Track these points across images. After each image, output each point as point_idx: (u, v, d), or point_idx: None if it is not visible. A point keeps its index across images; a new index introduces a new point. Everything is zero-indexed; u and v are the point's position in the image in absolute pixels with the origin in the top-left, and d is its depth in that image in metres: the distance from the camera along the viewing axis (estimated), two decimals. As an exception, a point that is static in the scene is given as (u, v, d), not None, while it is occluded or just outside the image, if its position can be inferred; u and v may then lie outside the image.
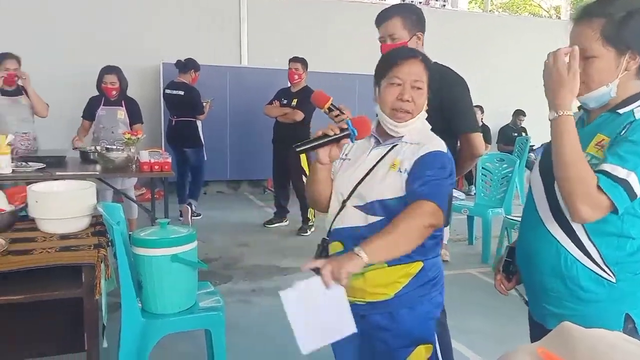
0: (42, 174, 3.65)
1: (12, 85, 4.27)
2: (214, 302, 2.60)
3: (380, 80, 1.68)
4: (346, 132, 1.54)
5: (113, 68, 4.58)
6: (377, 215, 1.60)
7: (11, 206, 2.35)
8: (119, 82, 4.56)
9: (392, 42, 2.28)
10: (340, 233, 1.67)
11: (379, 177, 1.63)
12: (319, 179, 1.69)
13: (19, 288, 2.05)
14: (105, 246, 2.23)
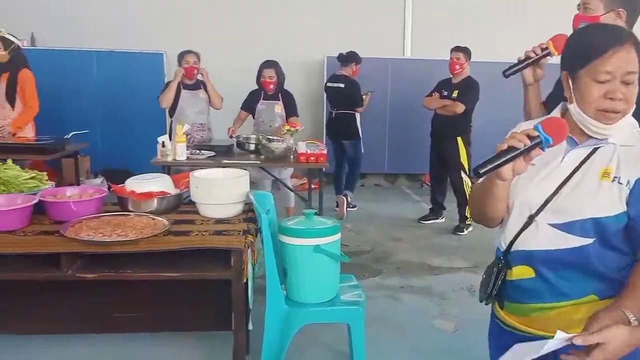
0: (211, 161, 3.98)
1: (192, 78, 4.69)
2: (356, 296, 2.59)
3: (577, 71, 1.32)
4: (537, 140, 1.24)
5: (272, 63, 4.77)
6: (586, 236, 1.30)
7: (176, 190, 2.58)
8: (277, 76, 4.74)
9: (584, 12, 1.99)
10: (529, 256, 1.38)
11: (588, 188, 1.32)
12: (496, 196, 1.38)
13: (177, 266, 2.25)
14: (253, 233, 2.34)
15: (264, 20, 6.88)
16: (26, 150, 4.08)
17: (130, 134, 6.43)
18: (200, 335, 2.95)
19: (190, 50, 4.64)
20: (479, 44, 5.55)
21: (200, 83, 4.74)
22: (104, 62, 6.43)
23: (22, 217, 2.23)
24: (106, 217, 2.34)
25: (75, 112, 6.21)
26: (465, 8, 6.96)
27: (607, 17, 1.94)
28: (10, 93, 4.40)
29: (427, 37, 7.05)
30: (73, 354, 2.84)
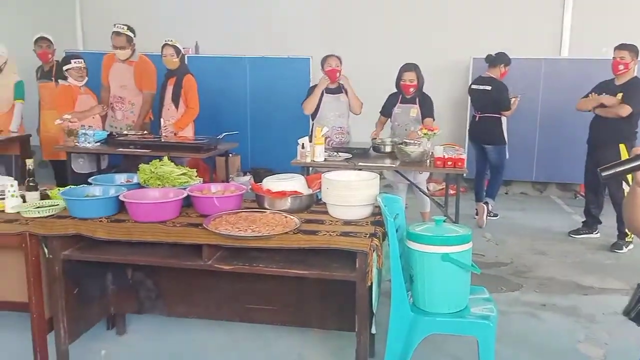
0: (347, 163, 4.05)
1: (334, 81, 4.81)
2: (487, 310, 2.46)
3: None
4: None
5: (413, 65, 4.70)
6: None
7: (309, 190, 2.66)
8: (417, 79, 4.65)
9: None
10: None
11: None
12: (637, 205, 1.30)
13: (305, 264, 2.32)
14: (380, 236, 2.33)
15: (407, 22, 6.84)
16: (185, 149, 4.51)
17: (276, 135, 6.80)
18: (326, 333, 3.02)
19: (332, 54, 4.76)
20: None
21: (342, 87, 4.84)
22: (255, 68, 6.88)
23: (173, 209, 2.47)
24: (244, 213, 2.49)
25: (229, 114, 6.73)
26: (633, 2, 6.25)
27: None
28: (176, 96, 4.89)
29: (588, 34, 6.45)
30: (212, 338, 3.08)
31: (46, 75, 5.55)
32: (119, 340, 3.07)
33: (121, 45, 5.00)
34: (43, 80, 5.55)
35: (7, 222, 2.49)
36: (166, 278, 2.90)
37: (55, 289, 2.49)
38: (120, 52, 5.04)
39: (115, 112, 5.23)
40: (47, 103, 5.44)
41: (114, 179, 2.89)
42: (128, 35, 5.01)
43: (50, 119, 5.27)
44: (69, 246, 2.48)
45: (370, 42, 6.84)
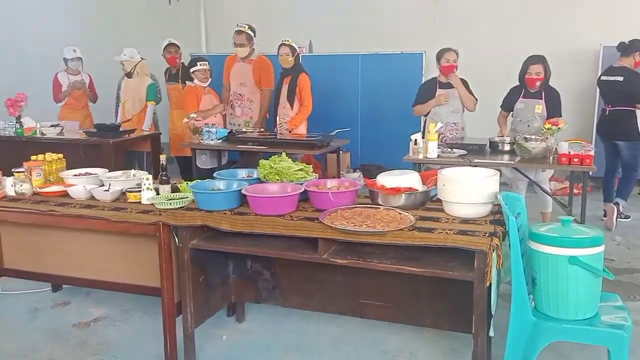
0: (462, 160, 3.93)
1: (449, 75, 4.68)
2: (620, 319, 2.27)
3: None
4: None
5: (540, 58, 4.39)
6: None
7: (424, 187, 2.62)
8: (544, 72, 4.36)
9: None
10: None
11: None
12: None
13: (419, 261, 2.29)
14: (500, 236, 2.24)
15: (527, 9, 6.47)
16: (299, 145, 4.63)
17: (387, 132, 6.77)
18: (439, 333, 2.96)
19: (449, 48, 4.63)
20: None
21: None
22: (367, 65, 6.89)
23: (291, 203, 2.55)
24: (358, 209, 2.51)
25: (340, 111, 6.81)
26: None
27: None
28: (291, 95, 5.05)
29: None
30: (325, 331, 3.14)
31: (174, 77, 5.97)
32: (239, 327, 3.24)
33: (241, 43, 5.25)
34: (171, 83, 5.99)
35: (143, 212, 2.72)
36: (282, 269, 3.00)
37: (184, 275, 2.68)
38: (240, 50, 5.29)
39: (234, 108, 5.50)
40: (175, 103, 5.89)
41: (236, 173, 3.04)
42: (248, 34, 5.26)
43: (177, 118, 5.71)
44: (196, 236, 2.66)
45: (486, 33, 6.57)
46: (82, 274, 3.15)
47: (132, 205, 2.83)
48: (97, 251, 3.08)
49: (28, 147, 4.89)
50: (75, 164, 3.45)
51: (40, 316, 3.40)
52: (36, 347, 3.02)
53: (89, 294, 3.61)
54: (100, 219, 2.69)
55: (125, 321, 3.31)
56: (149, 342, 3.01)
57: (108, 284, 3.02)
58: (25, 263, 3.30)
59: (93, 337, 3.13)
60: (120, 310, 3.42)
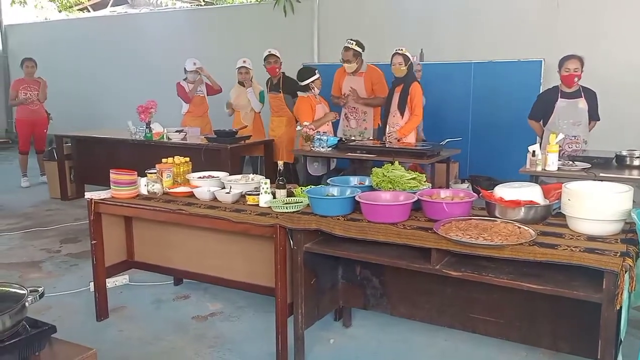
0: (585, 173, 3.69)
1: (570, 86, 4.44)
2: None
3: None
4: None
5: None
6: None
7: (546, 201, 2.50)
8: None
9: None
10: None
11: None
12: None
13: (538, 278, 2.19)
14: (634, 256, 2.08)
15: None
16: (408, 154, 4.61)
17: (500, 142, 6.53)
18: (556, 355, 2.81)
19: (573, 55, 4.40)
20: None
21: (581, 90, 4.44)
22: (481, 73, 6.70)
23: (404, 212, 2.56)
24: (474, 221, 2.46)
25: (451, 120, 6.68)
26: None
27: None
28: (402, 103, 5.05)
29: None
30: (432, 343, 3.10)
31: (275, 87, 6.10)
32: (345, 332, 3.29)
33: (348, 59, 5.36)
34: (273, 92, 6.14)
35: (261, 214, 2.86)
36: (391, 278, 3.00)
37: (297, 277, 2.77)
38: (348, 66, 5.40)
39: (349, 121, 5.64)
40: (276, 112, 6.11)
41: (348, 180, 3.10)
42: (355, 50, 5.34)
43: (277, 125, 6.00)
44: (310, 239, 2.74)
45: (612, 39, 6.12)
46: (202, 270, 3.38)
47: (251, 207, 2.99)
48: (217, 250, 3.29)
49: (156, 151, 5.33)
50: (196, 167, 3.70)
51: (163, 307, 3.67)
52: (160, 335, 3.27)
53: (206, 289, 3.84)
54: (223, 219, 2.86)
55: (239, 317, 3.48)
56: (261, 339, 3.15)
57: (226, 281, 3.20)
58: (152, 257, 3.60)
59: (210, 330, 3.33)
60: (235, 307, 3.60)
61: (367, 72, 5.48)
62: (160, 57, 9.39)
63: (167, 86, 7.13)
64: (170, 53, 9.03)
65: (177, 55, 7.88)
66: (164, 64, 8.96)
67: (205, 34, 9.16)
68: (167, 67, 8.60)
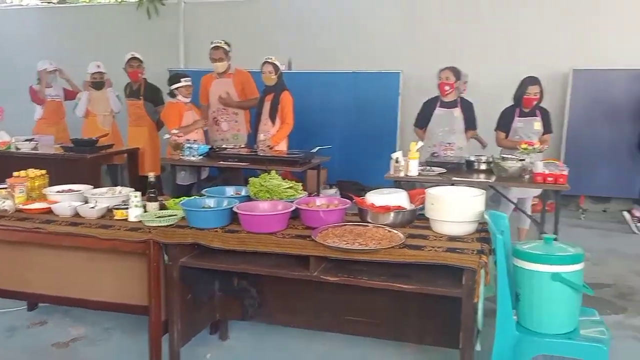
0: (441, 178, 4.04)
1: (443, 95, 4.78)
2: (598, 332, 2.37)
3: None
4: None
5: (536, 79, 4.60)
6: None
7: (412, 205, 2.69)
8: (540, 93, 4.57)
9: None
10: None
11: None
12: None
13: (408, 279, 2.35)
14: (487, 253, 2.32)
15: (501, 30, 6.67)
16: (281, 162, 4.66)
17: (363, 150, 6.87)
18: (423, 349, 3.02)
19: (447, 66, 4.77)
20: None
21: (457, 101, 4.82)
22: (346, 83, 7.00)
23: (282, 221, 2.59)
24: (349, 226, 2.57)
25: (319, 128, 6.87)
26: None
27: None
28: (273, 111, 5.10)
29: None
30: (310, 347, 3.16)
31: (134, 93, 5.84)
32: (222, 345, 3.23)
33: (219, 57, 5.31)
34: (131, 99, 5.87)
35: (131, 230, 2.71)
36: (269, 287, 3.02)
37: (172, 293, 2.68)
38: (219, 65, 5.34)
39: (220, 124, 5.51)
40: (134, 120, 5.85)
41: (224, 191, 3.06)
42: (225, 49, 5.32)
43: (136, 135, 5.76)
44: (186, 254, 2.66)
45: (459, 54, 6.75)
46: (64, 292, 3.10)
47: (120, 222, 2.82)
48: (81, 269, 3.04)
49: (4, 163, 4.80)
50: (53, 180, 3.40)
51: (17, 335, 3.32)
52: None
53: (66, 312, 3.54)
54: (89, 236, 2.67)
55: (106, 340, 3.26)
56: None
57: (92, 303, 2.98)
58: (4, 281, 3.23)
59: (73, 356, 3.08)
60: (101, 330, 3.36)
61: (236, 74, 5.47)
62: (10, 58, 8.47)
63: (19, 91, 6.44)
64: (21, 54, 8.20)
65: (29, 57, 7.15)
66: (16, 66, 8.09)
67: (61, 34, 8.45)
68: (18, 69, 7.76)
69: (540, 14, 6.54)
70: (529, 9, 6.57)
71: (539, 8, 6.55)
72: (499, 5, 6.69)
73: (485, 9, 6.72)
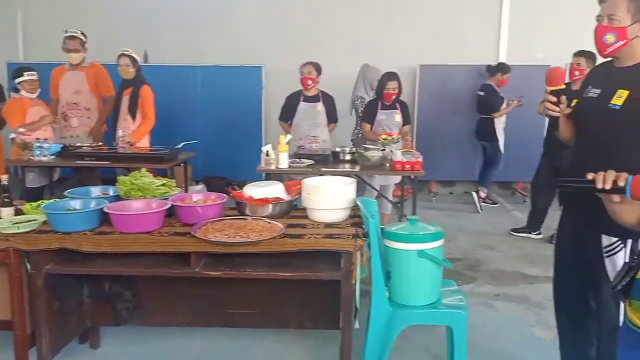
0: (311, 169, 4.19)
1: (306, 89, 4.95)
2: (458, 300, 2.66)
3: None
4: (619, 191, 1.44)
5: (395, 75, 4.97)
6: None
7: (289, 196, 2.78)
8: (399, 87, 4.95)
9: (609, 23, 2.03)
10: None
11: None
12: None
13: (289, 267, 2.44)
14: (361, 237, 2.49)
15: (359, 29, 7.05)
16: (144, 159, 4.47)
17: (229, 144, 6.84)
18: (304, 333, 3.14)
19: (308, 62, 4.91)
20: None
21: (320, 95, 4.98)
22: (207, 76, 6.89)
23: (158, 219, 2.52)
24: (228, 221, 2.58)
25: (180, 123, 6.70)
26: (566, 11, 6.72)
27: (633, 28, 1.95)
28: (132, 106, 4.87)
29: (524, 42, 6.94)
30: (190, 345, 3.12)
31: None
32: (94, 353, 3.06)
33: (75, 48, 4.95)
34: None
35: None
36: (144, 288, 2.92)
37: (38, 304, 2.48)
38: (75, 56, 4.97)
39: (69, 119, 5.11)
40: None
41: (89, 191, 2.88)
42: (82, 39, 4.97)
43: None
44: (50, 260, 2.48)
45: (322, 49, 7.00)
46: None
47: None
48: None
49: None
50: None
51: None
52: None
53: None
54: None
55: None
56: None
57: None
58: None
59: None
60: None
61: (89, 67, 5.13)
62: None
63: None
64: None
65: None
66: None
67: None
68: None
69: (389, 15, 7.04)
70: (383, 8, 7.04)
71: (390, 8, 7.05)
72: (354, 5, 7.06)
73: (342, 8, 7.06)
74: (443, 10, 7.01)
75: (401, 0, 7.07)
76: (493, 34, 7.05)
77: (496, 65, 6.33)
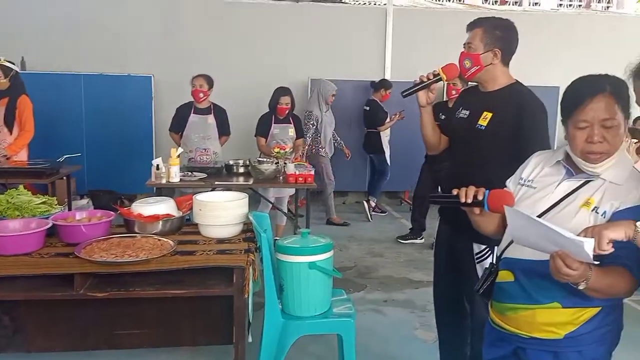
0: (203, 182, 4.16)
1: (198, 102, 4.88)
2: (347, 308, 2.78)
3: (566, 120, 1.57)
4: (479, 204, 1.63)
5: (288, 90, 5.10)
6: None
7: (180, 212, 2.75)
8: (291, 102, 5.09)
9: (467, 50, 2.34)
10: (512, 263, 1.63)
11: (567, 213, 1.55)
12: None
13: (181, 284, 2.42)
14: (254, 251, 2.53)
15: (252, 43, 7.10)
16: (24, 174, 4.19)
17: (118, 156, 6.57)
18: (197, 350, 3.10)
19: (200, 74, 4.86)
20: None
21: (212, 108, 4.94)
22: (92, 86, 6.57)
23: (38, 240, 2.38)
24: (115, 239, 2.50)
25: (63, 134, 6.33)
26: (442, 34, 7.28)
27: (486, 56, 2.26)
28: (9, 118, 4.53)
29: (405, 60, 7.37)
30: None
31: None
32: (-35, 388, 2.82)
33: None
34: None
35: None
36: (24, 311, 2.74)
37: None
38: None
39: None
40: None
41: (-42, 212, 2.65)
42: None
43: None
44: None
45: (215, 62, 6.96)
46: None
47: None
48: None
49: None
50: None
51: None
52: None
53: None
54: None
55: None
56: None
57: None
58: None
59: None
60: None
61: None
62: None
63: None
64: None
65: None
66: None
67: None
68: None
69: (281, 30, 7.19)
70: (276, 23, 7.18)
71: (282, 23, 7.19)
72: (248, 19, 7.11)
73: (235, 22, 7.08)
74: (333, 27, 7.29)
75: (293, 16, 7.24)
76: (378, 51, 7.44)
77: (379, 82, 6.68)
